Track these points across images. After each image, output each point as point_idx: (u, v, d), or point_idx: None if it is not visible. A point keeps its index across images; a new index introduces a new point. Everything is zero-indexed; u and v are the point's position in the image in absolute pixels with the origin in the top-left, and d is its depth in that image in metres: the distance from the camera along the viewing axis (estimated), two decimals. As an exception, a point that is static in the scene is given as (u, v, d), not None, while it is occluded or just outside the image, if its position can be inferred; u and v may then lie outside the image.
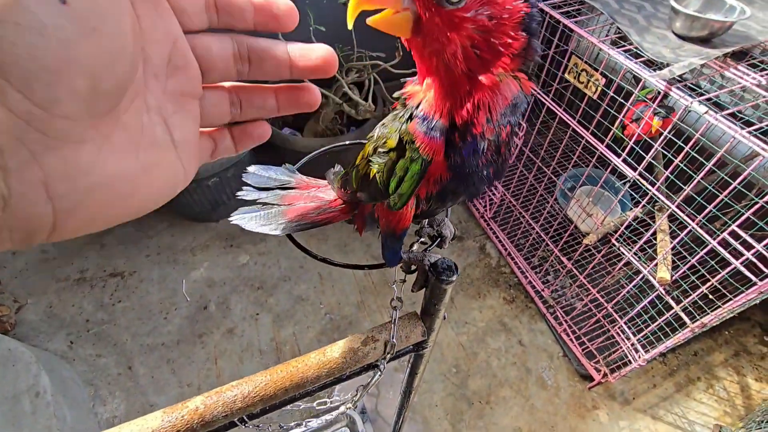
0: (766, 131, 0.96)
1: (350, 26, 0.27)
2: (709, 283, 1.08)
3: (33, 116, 0.16)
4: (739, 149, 0.99)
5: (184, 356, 1.64)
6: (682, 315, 1.17)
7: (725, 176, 1.08)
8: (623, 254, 1.28)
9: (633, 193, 1.26)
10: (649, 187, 1.15)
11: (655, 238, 1.29)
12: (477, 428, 1.52)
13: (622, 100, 1.19)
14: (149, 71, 0.23)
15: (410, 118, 0.33)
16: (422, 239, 0.49)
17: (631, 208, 1.63)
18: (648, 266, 1.23)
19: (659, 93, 1.09)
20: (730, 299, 1.06)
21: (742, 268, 0.98)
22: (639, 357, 1.37)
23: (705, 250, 1.06)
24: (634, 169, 1.18)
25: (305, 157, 0.54)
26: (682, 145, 1.06)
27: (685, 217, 1.08)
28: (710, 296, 1.15)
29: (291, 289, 1.85)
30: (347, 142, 0.59)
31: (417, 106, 0.33)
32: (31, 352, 1.38)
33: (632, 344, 1.43)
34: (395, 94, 0.36)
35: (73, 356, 1.62)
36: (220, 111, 0.29)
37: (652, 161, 1.15)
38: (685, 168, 1.08)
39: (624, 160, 1.21)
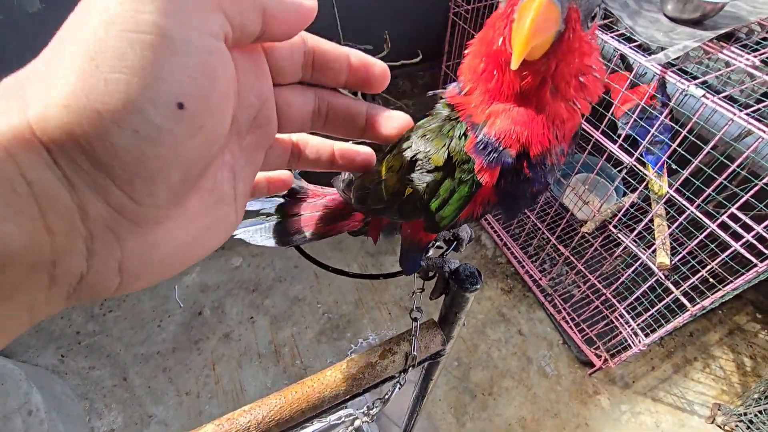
0: (762, 113, 0.96)
1: (515, 67, 0.24)
2: (708, 267, 1.08)
3: (126, 208, 0.17)
4: (729, 130, 0.99)
5: (181, 364, 1.60)
6: (682, 299, 1.18)
7: (722, 158, 1.08)
8: (621, 241, 1.28)
9: (630, 179, 1.25)
10: (646, 172, 1.15)
11: (653, 224, 1.29)
12: (481, 420, 1.52)
13: (616, 86, 1.17)
14: (233, 131, 0.22)
15: (465, 135, 0.29)
16: (438, 243, 0.46)
17: (625, 193, 1.63)
18: (647, 252, 1.23)
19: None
20: (730, 281, 1.06)
21: (743, 250, 0.98)
22: (639, 342, 1.38)
23: (704, 234, 1.06)
24: (630, 155, 1.17)
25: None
26: (678, 129, 1.05)
27: (684, 202, 1.08)
28: (710, 279, 1.15)
29: (287, 289, 1.82)
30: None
31: (480, 127, 0.29)
32: (20, 368, 1.33)
33: (632, 329, 1.44)
34: (440, 98, 0.32)
35: (65, 370, 1.57)
36: (280, 162, 0.29)
37: (649, 146, 1.15)
38: (682, 153, 1.08)
39: (620, 146, 1.20)
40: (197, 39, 0.17)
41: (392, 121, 0.29)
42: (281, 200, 0.46)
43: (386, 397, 0.46)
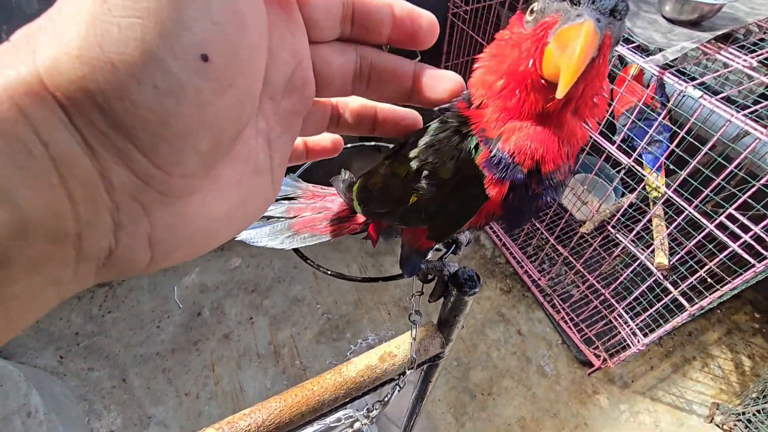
0: (760, 114, 0.97)
1: (562, 95, 0.24)
2: (707, 267, 1.09)
3: (153, 178, 0.16)
4: (727, 131, 0.99)
5: (180, 365, 1.60)
6: (681, 299, 1.18)
7: (719, 159, 1.08)
8: (620, 241, 1.28)
9: (628, 180, 1.26)
10: (645, 173, 1.15)
11: (652, 224, 1.30)
12: (480, 420, 1.52)
13: (614, 87, 1.18)
14: (266, 93, 0.21)
15: (477, 148, 0.29)
16: (436, 246, 0.46)
17: (624, 193, 1.63)
18: (645, 252, 1.24)
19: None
20: (728, 282, 1.07)
21: (741, 251, 0.98)
22: (638, 341, 1.38)
23: (702, 234, 1.06)
24: (629, 156, 1.18)
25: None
26: (676, 130, 1.05)
27: (682, 202, 1.08)
28: (708, 279, 1.15)
29: (286, 290, 1.82)
30: (348, 145, 0.56)
31: (494, 141, 0.28)
32: (19, 370, 1.33)
33: (631, 329, 1.44)
34: (446, 109, 0.31)
35: (64, 371, 1.57)
36: (320, 127, 0.27)
37: (647, 147, 1.15)
38: (680, 153, 1.08)
39: (618, 147, 1.20)
40: None
41: (443, 82, 0.26)
42: (282, 202, 0.47)
43: (386, 399, 0.46)
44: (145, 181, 0.16)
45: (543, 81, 0.26)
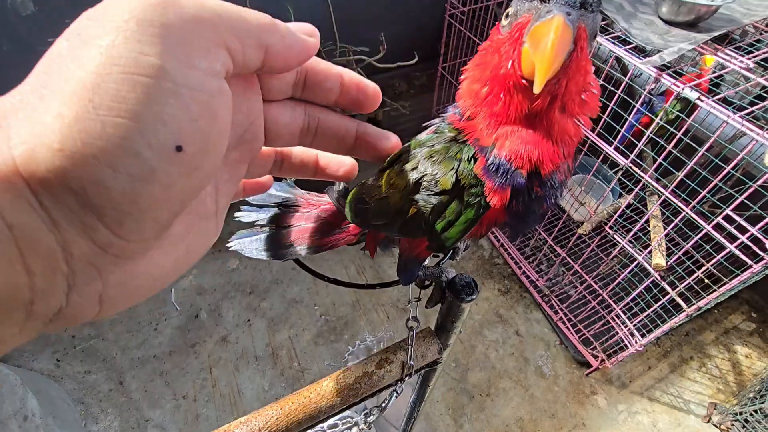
0: (756, 115, 0.97)
1: (539, 90, 0.24)
2: (704, 268, 1.09)
3: (112, 245, 0.17)
4: (724, 131, 0.99)
5: (178, 367, 1.59)
6: (678, 300, 1.18)
7: (717, 160, 1.08)
8: (618, 242, 1.29)
9: (625, 181, 1.26)
10: (642, 174, 1.15)
11: (649, 225, 1.30)
12: (479, 421, 1.52)
13: (612, 88, 1.18)
14: None
15: (474, 158, 0.29)
16: (434, 252, 0.46)
17: (621, 194, 1.64)
18: (643, 253, 1.24)
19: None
20: (725, 282, 1.07)
21: (738, 252, 0.98)
22: (636, 342, 1.39)
23: (699, 235, 1.06)
24: (626, 157, 1.18)
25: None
26: (674, 131, 1.05)
27: (679, 203, 1.08)
28: (706, 280, 1.16)
29: (284, 292, 1.81)
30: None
31: (489, 149, 0.29)
32: (15, 373, 1.32)
33: (628, 329, 1.44)
34: (442, 121, 0.32)
35: (61, 375, 1.56)
36: (262, 170, 0.29)
37: (644, 148, 1.15)
38: (677, 154, 1.08)
39: (616, 148, 1.20)
40: (200, 80, 0.17)
41: (382, 142, 0.28)
42: (276, 210, 0.46)
43: (384, 405, 0.46)
44: (103, 248, 0.17)
45: (524, 81, 0.26)
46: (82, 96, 0.15)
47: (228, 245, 0.45)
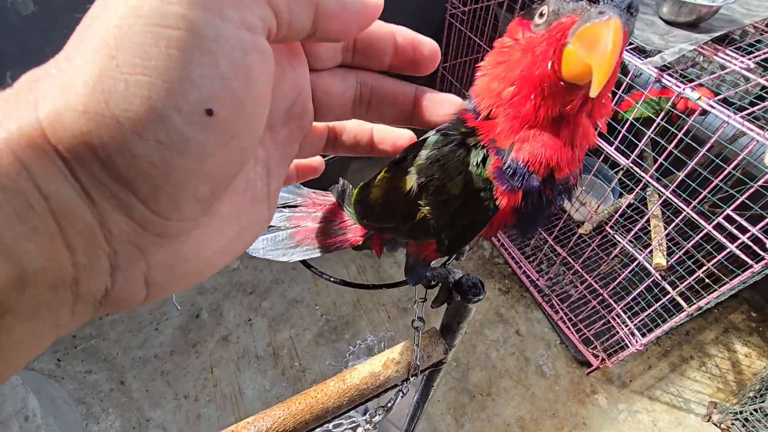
0: (757, 115, 0.97)
1: (595, 94, 0.23)
2: (704, 267, 1.09)
3: (151, 223, 0.16)
4: (724, 132, 1.00)
5: (179, 367, 1.59)
6: (679, 299, 1.19)
7: (717, 160, 1.09)
8: (618, 241, 1.29)
9: (626, 181, 1.26)
10: (643, 174, 1.15)
11: (650, 225, 1.30)
12: (480, 421, 1.52)
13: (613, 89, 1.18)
14: (266, 124, 0.20)
15: (485, 160, 0.28)
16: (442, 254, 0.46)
17: (622, 194, 1.64)
18: (643, 253, 1.24)
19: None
20: (726, 282, 1.07)
21: (738, 252, 0.99)
22: (636, 341, 1.39)
23: (700, 235, 1.07)
24: (627, 157, 1.18)
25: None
26: (675, 131, 1.06)
27: (680, 203, 1.09)
28: (706, 280, 1.16)
29: (284, 291, 1.82)
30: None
31: (507, 152, 0.27)
32: (16, 373, 1.32)
33: (629, 329, 1.45)
34: (448, 125, 0.30)
35: (62, 374, 1.56)
36: (316, 150, 0.27)
37: (645, 148, 1.16)
38: (678, 154, 1.08)
39: (617, 148, 1.21)
40: (233, 34, 0.15)
41: (444, 105, 0.26)
42: (283, 211, 0.46)
43: (389, 405, 0.46)
44: (143, 226, 0.16)
45: (562, 83, 0.25)
46: (105, 53, 0.14)
47: None
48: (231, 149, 0.16)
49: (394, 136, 0.29)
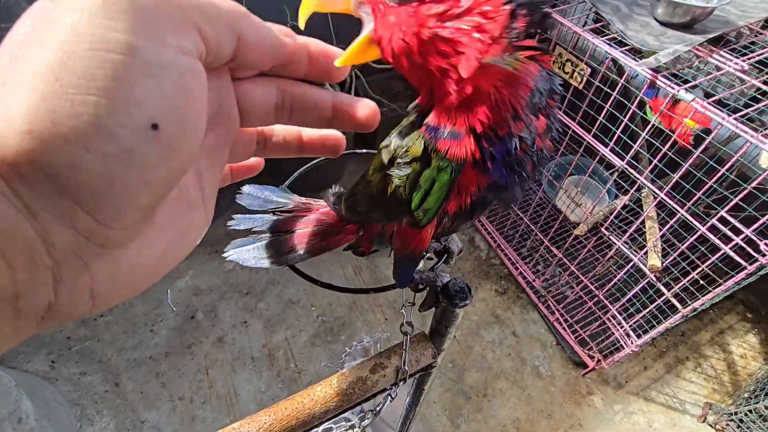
0: (751, 117, 0.97)
1: (302, 26, 0.26)
2: (699, 269, 1.09)
3: (94, 233, 0.16)
4: (719, 133, 1.00)
5: (174, 368, 1.59)
6: (674, 300, 1.19)
7: (712, 162, 1.09)
8: (613, 243, 1.29)
9: (621, 182, 1.26)
10: (638, 175, 1.15)
11: (645, 226, 1.30)
12: (476, 422, 1.52)
13: (607, 90, 1.18)
14: None
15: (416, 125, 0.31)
16: (428, 255, 0.46)
17: (617, 196, 1.64)
18: (638, 254, 1.24)
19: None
20: (720, 283, 1.07)
21: (732, 253, 0.99)
22: (632, 342, 1.39)
23: (694, 237, 1.07)
24: (622, 158, 1.18)
25: (296, 172, 0.51)
26: (669, 133, 1.06)
27: (674, 205, 1.09)
28: (701, 281, 1.16)
29: (280, 293, 1.81)
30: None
31: (424, 115, 0.30)
32: (10, 375, 1.31)
33: (624, 330, 1.45)
34: (410, 107, 0.33)
35: (56, 376, 1.55)
36: (246, 153, 0.28)
37: (640, 150, 1.16)
38: (672, 156, 1.08)
39: (612, 150, 1.21)
40: (172, 58, 0.16)
41: (360, 109, 0.27)
42: (273, 217, 0.46)
43: (378, 409, 0.46)
44: (87, 237, 0.16)
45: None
46: (48, 75, 0.14)
47: (224, 255, 0.44)
48: (173, 160, 0.17)
49: (322, 136, 0.31)
